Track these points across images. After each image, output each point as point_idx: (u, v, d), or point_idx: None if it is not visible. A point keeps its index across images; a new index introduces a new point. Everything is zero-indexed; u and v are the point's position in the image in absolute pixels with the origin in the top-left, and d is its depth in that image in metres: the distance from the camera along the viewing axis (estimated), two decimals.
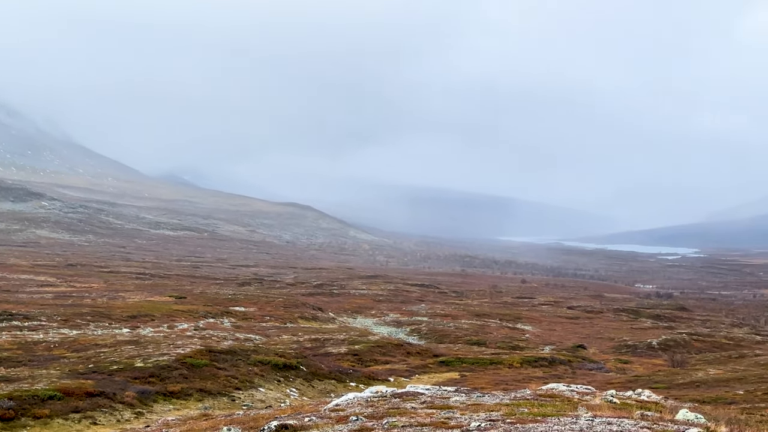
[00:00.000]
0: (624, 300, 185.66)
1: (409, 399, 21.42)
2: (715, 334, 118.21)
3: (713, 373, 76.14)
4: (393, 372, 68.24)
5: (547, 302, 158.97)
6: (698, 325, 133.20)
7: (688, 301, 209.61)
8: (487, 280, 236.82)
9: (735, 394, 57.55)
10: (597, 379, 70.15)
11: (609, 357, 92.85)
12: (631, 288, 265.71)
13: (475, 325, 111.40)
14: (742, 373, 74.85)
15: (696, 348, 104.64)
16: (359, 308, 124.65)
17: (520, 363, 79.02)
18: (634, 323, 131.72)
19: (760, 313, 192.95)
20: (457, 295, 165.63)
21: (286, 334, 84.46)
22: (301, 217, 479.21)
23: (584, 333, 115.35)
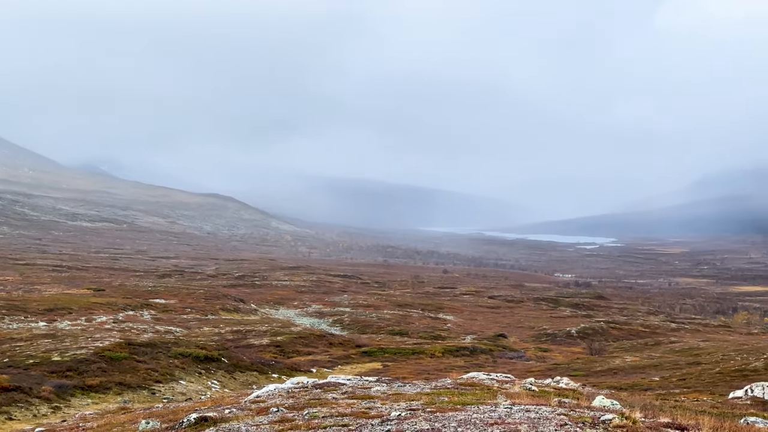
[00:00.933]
0: (544, 289, 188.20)
1: (330, 390, 21.40)
2: (632, 322, 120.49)
3: (630, 361, 77.63)
4: (315, 363, 68.12)
5: (469, 292, 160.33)
6: (616, 314, 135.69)
7: (605, 289, 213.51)
8: (409, 270, 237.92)
9: (651, 380, 58.79)
10: (517, 367, 70.98)
11: (529, 345, 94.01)
12: (551, 277, 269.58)
13: (397, 316, 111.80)
14: (657, 360, 76.51)
15: (613, 336, 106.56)
16: (281, 299, 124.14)
17: (441, 352, 79.53)
18: (553, 312, 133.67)
19: (675, 300, 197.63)
20: (380, 285, 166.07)
21: (208, 326, 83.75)
22: (223, 208, 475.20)
23: (505, 322, 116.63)
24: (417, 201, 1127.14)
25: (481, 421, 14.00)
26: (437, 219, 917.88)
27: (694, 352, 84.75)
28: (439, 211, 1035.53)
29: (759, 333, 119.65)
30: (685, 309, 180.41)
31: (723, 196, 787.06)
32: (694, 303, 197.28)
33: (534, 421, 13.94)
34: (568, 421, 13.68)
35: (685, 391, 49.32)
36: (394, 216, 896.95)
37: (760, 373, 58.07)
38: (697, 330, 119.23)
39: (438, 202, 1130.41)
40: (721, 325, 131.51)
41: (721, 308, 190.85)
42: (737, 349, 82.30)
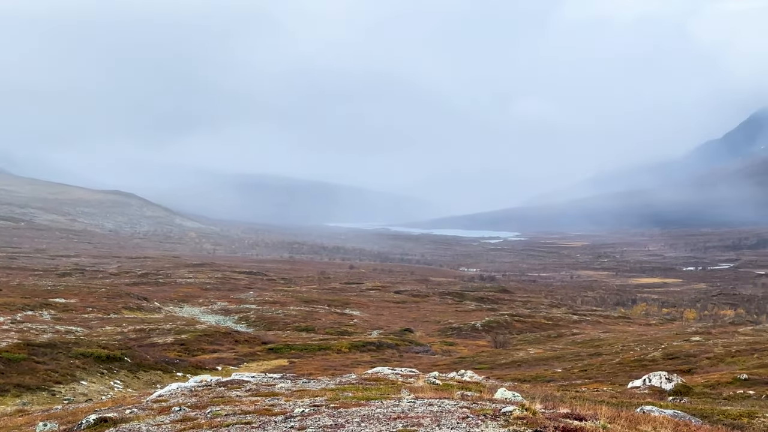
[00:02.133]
0: (449, 283, 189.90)
1: (234, 387, 21.21)
2: (535, 314, 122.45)
3: (533, 353, 78.91)
4: (221, 361, 67.52)
5: (375, 287, 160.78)
6: (519, 307, 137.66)
7: (509, 283, 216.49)
8: (315, 266, 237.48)
9: (554, 372, 59.85)
10: (423, 361, 71.47)
11: (435, 339, 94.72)
12: (456, 272, 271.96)
13: (303, 312, 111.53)
14: (560, 352, 77.90)
15: (517, 329, 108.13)
16: (186, 297, 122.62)
17: (348, 348, 79.65)
18: (459, 306, 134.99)
19: (576, 293, 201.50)
20: (286, 281, 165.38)
21: (110, 325, 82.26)
22: (125, 205, 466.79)
23: (411, 317, 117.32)
24: (323, 197, 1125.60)
25: (384, 416, 14.04)
26: (343, 215, 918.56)
27: (595, 343, 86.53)
28: (345, 206, 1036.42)
29: (657, 324, 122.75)
30: (586, 301, 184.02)
31: (623, 190, 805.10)
32: (595, 295, 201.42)
33: (436, 414, 14.04)
34: (470, 414, 13.83)
35: (587, 381, 50.34)
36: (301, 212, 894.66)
37: (658, 362, 59.63)
38: (598, 322, 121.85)
39: (344, 198, 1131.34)
40: (621, 317, 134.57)
41: (621, 300, 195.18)
42: (636, 339, 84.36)
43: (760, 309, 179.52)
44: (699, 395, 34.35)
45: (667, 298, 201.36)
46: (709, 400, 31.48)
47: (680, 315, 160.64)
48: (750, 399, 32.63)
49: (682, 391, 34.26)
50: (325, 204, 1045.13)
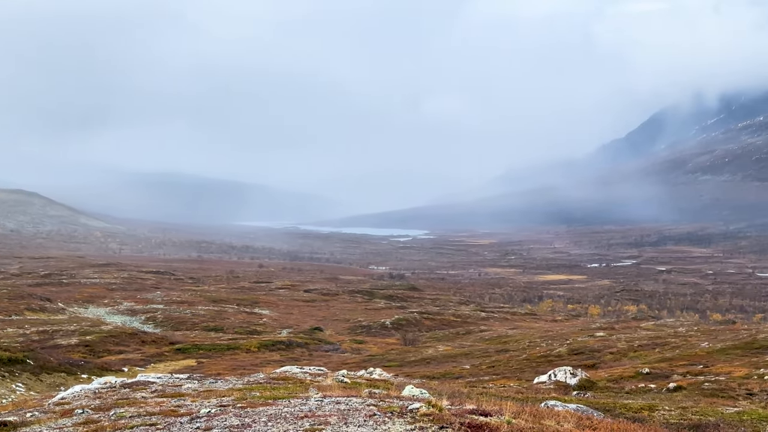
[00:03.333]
0: (359, 282, 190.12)
1: (139, 388, 20.89)
2: (444, 312, 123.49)
3: (442, 350, 79.58)
4: (127, 362, 66.48)
5: (284, 286, 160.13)
6: (428, 304, 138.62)
7: (419, 281, 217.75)
8: (224, 265, 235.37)
9: (462, 368, 60.44)
10: (333, 360, 71.50)
11: (345, 338, 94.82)
12: (366, 270, 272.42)
13: (212, 311, 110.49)
14: (468, 349, 78.74)
15: (427, 326, 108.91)
16: (91, 298, 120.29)
17: (257, 347, 79.24)
18: (368, 304, 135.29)
19: (484, 290, 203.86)
20: (194, 281, 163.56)
21: (12, 326, 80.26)
22: (27, 204, 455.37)
23: (321, 315, 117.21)
24: (232, 195, 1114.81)
25: (292, 415, 14.00)
26: (253, 213, 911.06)
27: (502, 339, 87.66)
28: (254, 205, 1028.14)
29: (563, 320, 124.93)
30: (494, 298, 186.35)
31: (530, 188, 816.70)
32: (503, 292, 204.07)
33: (344, 412, 14.06)
34: (377, 412, 13.88)
35: (494, 377, 50.97)
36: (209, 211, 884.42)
37: (564, 358, 60.72)
38: (506, 318, 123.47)
39: (253, 197, 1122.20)
40: (528, 313, 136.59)
41: (527, 297, 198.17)
42: (543, 335, 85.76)
43: (662, 304, 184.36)
44: (602, 389, 35.09)
45: (573, 295, 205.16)
46: (612, 394, 32.18)
47: (585, 311, 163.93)
48: (651, 392, 33.45)
49: (586, 386, 34.94)
50: (234, 203, 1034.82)
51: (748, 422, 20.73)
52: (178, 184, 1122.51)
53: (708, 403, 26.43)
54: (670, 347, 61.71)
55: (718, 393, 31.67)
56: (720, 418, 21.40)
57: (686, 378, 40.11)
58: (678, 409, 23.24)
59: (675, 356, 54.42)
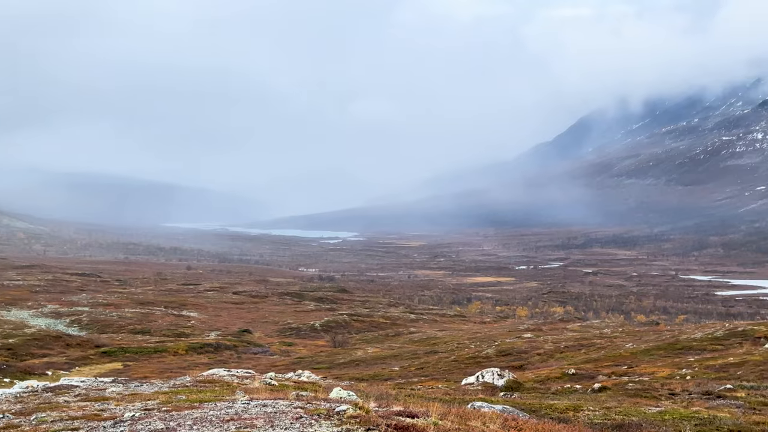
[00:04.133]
0: (288, 284, 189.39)
1: (62, 392, 20.52)
2: (373, 314, 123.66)
3: (372, 352, 79.67)
4: (51, 365, 65.28)
5: (213, 288, 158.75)
6: (358, 306, 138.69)
7: (348, 283, 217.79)
8: (151, 267, 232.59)
9: (391, 370, 60.56)
10: (262, 362, 71.11)
11: (274, 340, 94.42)
12: (295, 272, 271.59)
13: (139, 314, 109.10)
14: (397, 351, 78.95)
15: (356, 328, 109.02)
16: (14, 300, 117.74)
17: (185, 350, 78.47)
18: (298, 306, 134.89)
19: (414, 292, 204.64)
20: (121, 283, 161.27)
21: None
22: None
23: (250, 317, 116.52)
24: (160, 196, 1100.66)
25: (218, 418, 13.88)
26: (181, 215, 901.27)
27: (432, 341, 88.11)
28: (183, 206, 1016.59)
29: (491, 321, 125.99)
30: (423, 300, 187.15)
31: (459, 191, 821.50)
32: (432, 294, 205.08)
33: (270, 415, 13.99)
34: (303, 414, 13.83)
35: (423, 379, 51.14)
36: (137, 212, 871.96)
37: (492, 359, 61.22)
38: (435, 320, 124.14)
39: (182, 198, 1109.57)
40: (456, 315, 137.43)
41: (456, 299, 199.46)
42: (471, 337, 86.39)
43: (588, 306, 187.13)
44: (529, 390, 35.42)
45: (501, 297, 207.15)
46: (539, 394, 32.50)
47: (513, 313, 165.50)
48: (577, 393, 33.87)
49: (514, 387, 35.24)
50: (162, 204, 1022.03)
51: (670, 422, 21.11)
52: (105, 185, 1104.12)
53: (631, 403, 26.86)
54: (596, 348, 62.62)
55: (641, 393, 32.18)
56: (643, 418, 21.77)
57: (611, 378, 40.72)
58: (602, 409, 23.58)
59: (600, 357, 55.25)
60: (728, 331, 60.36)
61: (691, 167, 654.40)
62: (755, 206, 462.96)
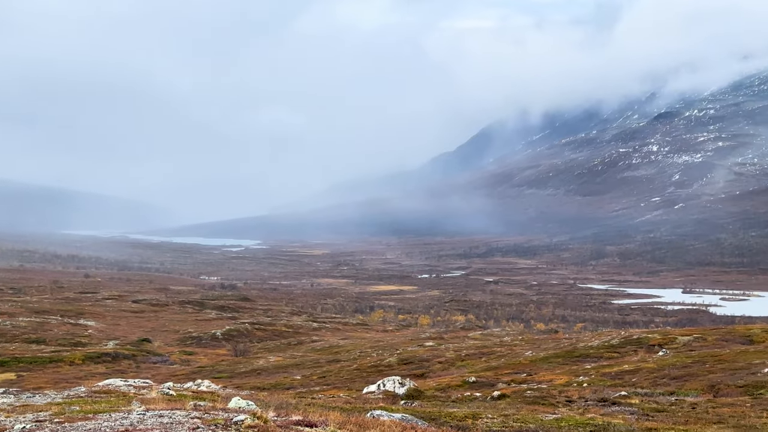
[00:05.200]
0: (189, 292, 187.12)
1: None
2: (276, 322, 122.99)
3: (274, 360, 79.24)
4: None
5: (112, 296, 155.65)
6: (260, 315, 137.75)
7: (251, 291, 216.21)
8: (47, 275, 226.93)
9: (293, 379, 60.32)
10: (161, 372, 70.08)
11: (174, 349, 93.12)
12: (197, 280, 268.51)
13: (34, 323, 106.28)
14: (300, 359, 78.72)
15: (258, 337, 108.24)
16: None
17: (82, 360, 76.81)
18: (199, 315, 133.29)
19: (317, 301, 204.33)
20: (15, 291, 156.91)
21: None
22: None
23: (150, 326, 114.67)
24: (58, 203, 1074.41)
25: (112, 429, 13.61)
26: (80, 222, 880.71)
27: (334, 350, 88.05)
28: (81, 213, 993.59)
29: (394, 330, 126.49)
30: (326, 308, 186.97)
31: (363, 199, 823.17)
32: (335, 302, 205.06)
33: (167, 425, 13.77)
34: (201, 425, 13.66)
35: (325, 388, 51.07)
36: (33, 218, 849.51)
37: (394, 368, 61.46)
38: (338, 329, 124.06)
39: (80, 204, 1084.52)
40: (359, 324, 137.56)
41: (359, 307, 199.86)
42: (374, 345, 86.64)
43: (489, 314, 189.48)
44: (430, 398, 35.67)
45: (404, 305, 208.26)
46: (439, 402, 32.75)
47: (415, 321, 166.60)
48: (476, 401, 34.24)
49: (414, 395, 35.43)
50: (59, 210, 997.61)
51: (566, 428, 21.51)
52: None
53: (529, 410, 27.28)
54: (496, 356, 63.42)
55: (539, 400, 32.72)
56: (540, 424, 22.12)
57: (510, 386, 41.27)
58: (500, 416, 23.88)
59: (500, 365, 55.97)
60: (624, 339, 61.80)
61: (589, 178, 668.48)
62: (650, 217, 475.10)
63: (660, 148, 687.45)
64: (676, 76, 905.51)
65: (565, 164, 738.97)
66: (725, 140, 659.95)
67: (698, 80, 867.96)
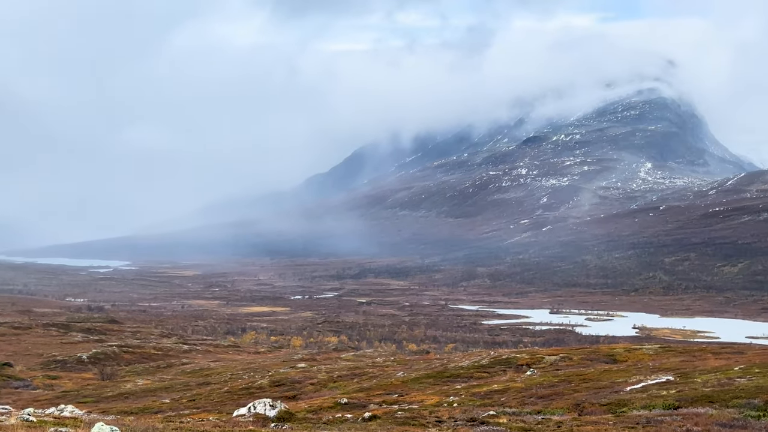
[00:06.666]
0: (54, 314, 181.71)
1: None
2: (145, 345, 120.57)
3: (142, 384, 77.60)
4: None
5: None
6: (129, 337, 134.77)
7: (119, 313, 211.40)
8: None
9: (162, 402, 59.17)
10: (23, 397, 67.78)
11: (37, 373, 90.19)
12: (62, 302, 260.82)
13: None
14: (169, 382, 77.28)
15: (126, 360, 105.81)
16: None
17: None
18: (64, 338, 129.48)
19: (187, 323, 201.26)
20: None
21: None
22: None
23: (11, 350, 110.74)
24: None
25: None
26: None
27: (204, 372, 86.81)
28: None
29: (266, 351, 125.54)
30: (197, 330, 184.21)
31: (236, 219, 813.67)
32: (206, 324, 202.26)
33: None
34: None
35: (195, 411, 50.24)
36: None
37: (266, 390, 60.94)
38: (209, 351, 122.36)
39: None
40: (231, 346, 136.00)
41: (231, 329, 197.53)
42: (245, 368, 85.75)
43: (361, 335, 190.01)
44: (301, 420, 35.42)
45: (276, 327, 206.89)
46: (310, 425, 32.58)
47: (288, 343, 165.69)
48: (348, 422, 34.18)
49: (285, 417, 35.11)
50: None
51: None
52: None
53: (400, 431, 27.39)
54: (368, 377, 63.58)
55: (410, 421, 32.87)
56: None
57: (381, 407, 41.38)
58: None
59: (372, 386, 56.13)
60: (493, 359, 62.87)
61: (460, 200, 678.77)
62: (519, 239, 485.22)
63: (529, 171, 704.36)
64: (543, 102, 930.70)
65: (437, 186, 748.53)
66: (590, 164, 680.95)
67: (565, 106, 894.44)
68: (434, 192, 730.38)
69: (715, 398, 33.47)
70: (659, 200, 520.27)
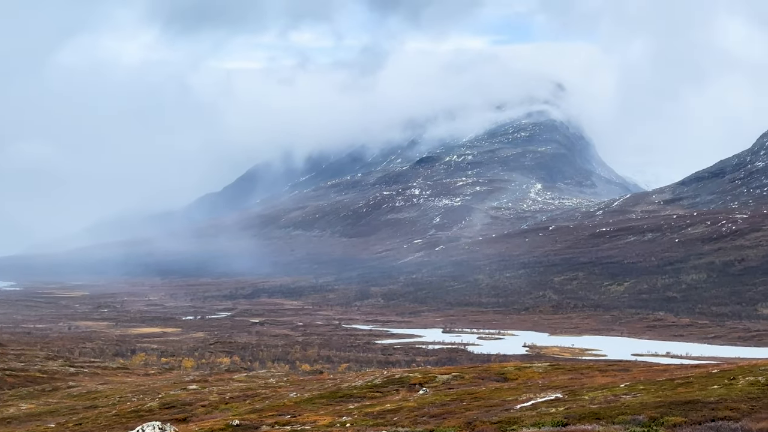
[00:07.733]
0: None
1: None
2: (29, 368, 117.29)
3: (25, 408, 75.44)
4: None
5: None
6: (12, 360, 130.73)
7: (2, 335, 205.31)
8: None
9: (47, 427, 57.63)
10: None
11: None
12: None
13: None
14: (54, 406, 75.30)
15: (9, 383, 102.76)
16: None
17: None
18: None
19: (75, 344, 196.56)
20: None
21: None
22: None
23: None
24: None
25: None
26: None
27: (92, 395, 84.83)
28: None
29: (156, 373, 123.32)
30: (85, 353, 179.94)
31: (125, 239, 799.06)
32: (94, 346, 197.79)
33: None
34: None
35: None
36: None
37: (155, 412, 59.82)
38: (96, 373, 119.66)
39: None
40: (120, 368, 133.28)
41: (120, 350, 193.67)
42: (135, 390, 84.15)
43: (254, 356, 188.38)
44: None
45: (167, 348, 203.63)
46: None
47: (179, 364, 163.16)
48: None
49: None
50: None
51: None
52: None
53: None
54: (261, 398, 63.04)
55: None
56: None
57: (274, 428, 41.08)
58: None
59: (265, 407, 55.62)
60: (386, 379, 63.04)
61: (354, 220, 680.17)
62: (413, 258, 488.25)
63: (422, 191, 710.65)
64: (436, 123, 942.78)
65: (331, 206, 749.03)
66: (482, 185, 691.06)
67: (457, 127, 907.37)
68: (328, 212, 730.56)
69: (601, 415, 34.10)
70: (549, 220, 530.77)
